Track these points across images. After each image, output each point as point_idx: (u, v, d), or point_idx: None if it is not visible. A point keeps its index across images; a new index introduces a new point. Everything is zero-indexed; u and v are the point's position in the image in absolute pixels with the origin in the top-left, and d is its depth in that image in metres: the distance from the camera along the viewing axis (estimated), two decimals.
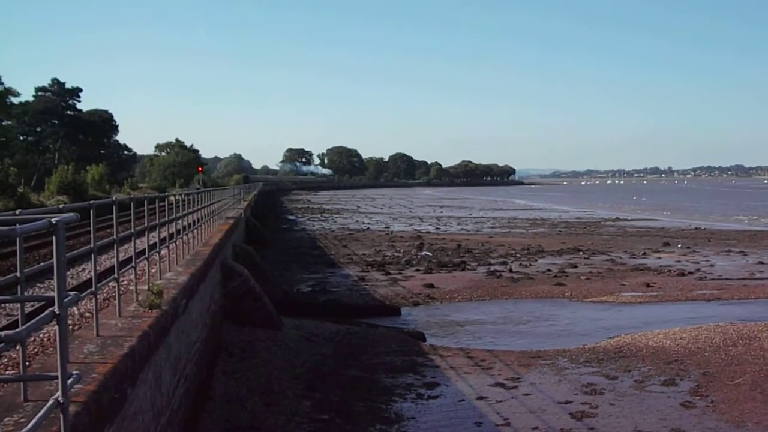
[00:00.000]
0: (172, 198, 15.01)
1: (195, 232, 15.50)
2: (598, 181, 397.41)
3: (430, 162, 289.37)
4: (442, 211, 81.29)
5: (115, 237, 7.90)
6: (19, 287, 4.72)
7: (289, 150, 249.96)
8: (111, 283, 7.78)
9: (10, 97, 51.28)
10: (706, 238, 42.71)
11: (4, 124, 56.30)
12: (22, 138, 71.85)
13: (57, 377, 3.80)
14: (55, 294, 3.87)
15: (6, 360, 5.91)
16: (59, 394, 3.80)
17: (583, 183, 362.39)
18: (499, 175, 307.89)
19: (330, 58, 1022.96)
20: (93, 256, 6.95)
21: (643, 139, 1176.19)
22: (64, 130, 76.30)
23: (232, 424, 10.56)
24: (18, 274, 4.69)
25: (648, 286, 25.11)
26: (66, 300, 3.95)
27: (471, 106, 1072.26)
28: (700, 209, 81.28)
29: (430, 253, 34.95)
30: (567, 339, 17.68)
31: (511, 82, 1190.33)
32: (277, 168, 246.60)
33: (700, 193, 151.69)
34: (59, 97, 77.81)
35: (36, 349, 6.34)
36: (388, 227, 55.89)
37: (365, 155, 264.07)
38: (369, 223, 60.55)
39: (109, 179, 59.65)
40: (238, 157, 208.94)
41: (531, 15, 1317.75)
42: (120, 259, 8.12)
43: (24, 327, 3.81)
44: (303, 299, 23.20)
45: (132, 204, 9.46)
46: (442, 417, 11.73)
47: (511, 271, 28.84)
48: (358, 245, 40.28)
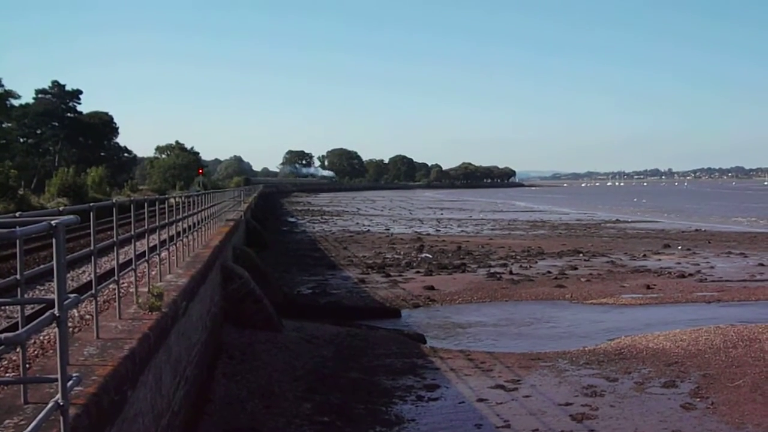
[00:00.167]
0: (173, 200, 15.01)
1: (195, 234, 15.51)
2: (598, 183, 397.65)
3: (430, 164, 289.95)
4: (442, 213, 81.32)
5: (115, 239, 7.90)
6: (19, 289, 4.73)
7: (290, 152, 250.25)
8: (111, 286, 7.78)
9: (10, 99, 51.42)
10: (707, 240, 42.71)
11: (4, 126, 56.29)
12: (22, 140, 71.84)
13: (57, 379, 3.80)
14: (55, 296, 3.87)
15: (6, 362, 5.91)
16: (59, 396, 3.80)
17: (583, 185, 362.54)
18: (499, 177, 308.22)
19: (330, 61, 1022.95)
20: (93, 258, 6.95)
21: (643, 141, 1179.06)
22: (64, 133, 76.34)
23: (233, 426, 10.55)
24: (18, 276, 4.70)
25: (648, 287, 25.10)
26: (66, 302, 3.95)
27: (471, 109, 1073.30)
28: (700, 211, 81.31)
29: (431, 255, 34.96)
30: (567, 341, 17.68)
31: (511, 84, 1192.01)
32: (278, 170, 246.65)
33: (700, 194, 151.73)
34: (59, 99, 77.84)
35: (36, 352, 6.34)
36: (389, 229, 55.86)
37: (365, 157, 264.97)
38: (369, 225, 60.53)
39: (110, 181, 59.75)
40: (239, 159, 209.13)
41: (529, 19, 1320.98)
42: (120, 261, 8.12)
43: (24, 329, 3.81)
44: (303, 301, 23.18)
45: (132, 206, 9.45)
46: (443, 419, 11.72)
47: (511, 273, 28.84)
48: (358, 247, 40.29)
